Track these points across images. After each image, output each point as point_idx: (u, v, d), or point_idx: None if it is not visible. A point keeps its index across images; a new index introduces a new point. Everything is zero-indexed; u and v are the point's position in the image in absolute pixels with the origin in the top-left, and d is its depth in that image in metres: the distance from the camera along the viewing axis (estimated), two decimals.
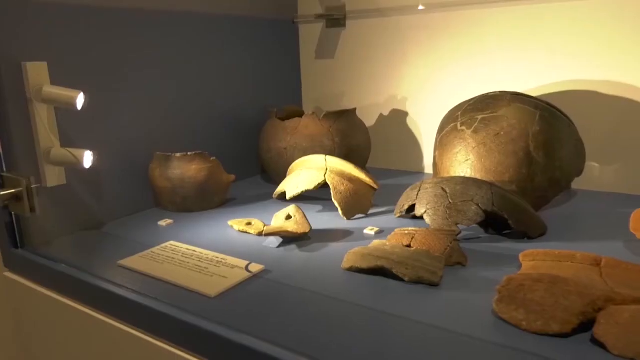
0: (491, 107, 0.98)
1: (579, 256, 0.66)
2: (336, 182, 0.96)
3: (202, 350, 0.61)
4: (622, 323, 0.51)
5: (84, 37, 0.92)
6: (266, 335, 0.56)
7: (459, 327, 0.57)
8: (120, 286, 0.70)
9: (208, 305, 0.64)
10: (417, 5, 1.23)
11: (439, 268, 0.68)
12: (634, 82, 1.02)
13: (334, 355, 0.52)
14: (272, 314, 0.62)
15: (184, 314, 0.62)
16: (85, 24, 0.92)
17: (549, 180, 0.94)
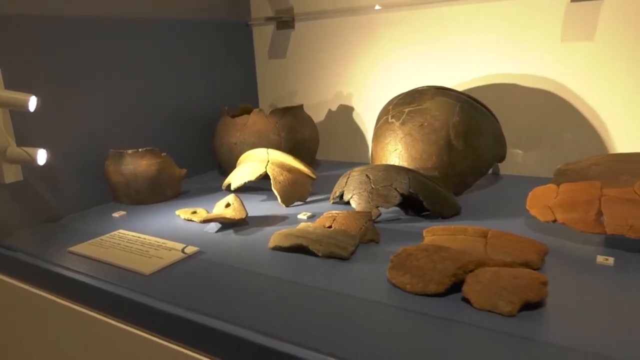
0: (417, 101, 1.07)
1: (470, 230, 0.75)
2: (276, 173, 1.05)
3: (135, 321, 0.69)
4: (483, 282, 0.60)
5: (38, 44, 0.99)
6: (193, 305, 0.64)
7: (359, 293, 0.66)
8: (67, 269, 0.78)
9: (143, 282, 0.72)
10: (359, 8, 1.31)
11: (350, 244, 0.77)
12: (549, 75, 1.12)
13: (252, 322, 0.60)
14: (200, 288, 0.70)
15: (120, 289, 0.70)
16: (39, 32, 0.99)
17: (469, 166, 1.04)
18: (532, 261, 0.68)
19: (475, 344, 0.53)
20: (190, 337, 0.64)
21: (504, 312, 0.57)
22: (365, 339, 0.55)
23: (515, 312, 0.57)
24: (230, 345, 0.59)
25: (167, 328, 0.66)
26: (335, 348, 0.53)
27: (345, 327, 0.58)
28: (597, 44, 1.05)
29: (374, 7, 1.28)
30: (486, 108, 1.08)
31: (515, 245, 0.71)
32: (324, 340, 0.55)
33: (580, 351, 0.51)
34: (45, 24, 1.01)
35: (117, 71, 1.15)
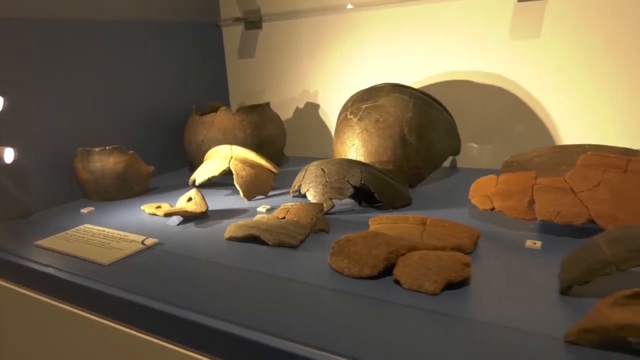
0: (374, 97, 1.12)
1: (411, 218, 0.80)
2: (238, 168, 1.09)
3: (93, 308, 0.73)
4: (412, 264, 0.65)
5: (6, 45, 1.03)
6: (148, 292, 0.69)
7: (303, 278, 0.71)
8: (32, 261, 0.82)
9: (102, 271, 0.76)
10: (323, 9, 1.36)
11: (300, 234, 0.81)
12: (500, 72, 1.17)
13: (204, 307, 0.64)
14: (156, 276, 0.74)
15: (79, 278, 0.74)
16: (7, 33, 1.03)
17: (422, 159, 1.09)
18: (464, 245, 0.73)
19: (403, 321, 0.58)
20: (144, 322, 0.68)
21: (428, 291, 0.62)
22: (307, 320, 0.59)
23: (438, 290, 0.62)
24: (183, 329, 0.63)
25: (122, 314, 0.70)
26: (280, 328, 0.57)
27: (289, 310, 0.62)
28: (543, 42, 1.10)
29: (345, 7, 1.33)
30: (440, 104, 1.13)
31: (450, 231, 0.76)
32: (270, 322, 0.59)
33: (500, 326, 0.56)
34: (14, 25, 1.04)
35: (87, 71, 1.19)
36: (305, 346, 0.54)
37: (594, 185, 0.78)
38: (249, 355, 0.58)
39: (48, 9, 1.10)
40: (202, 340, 0.63)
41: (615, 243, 0.58)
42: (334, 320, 0.59)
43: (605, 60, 1.06)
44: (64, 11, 1.14)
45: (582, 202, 0.77)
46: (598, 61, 1.06)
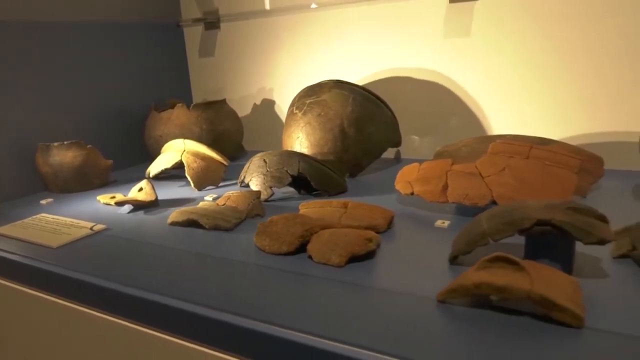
0: (317, 93, 1.20)
1: (335, 203, 0.88)
2: (190, 161, 1.16)
3: (43, 286, 0.80)
4: (322, 240, 0.72)
5: None
6: (93, 271, 0.75)
7: (231, 256, 0.78)
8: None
9: (50, 254, 0.83)
10: (278, 11, 1.43)
11: (235, 218, 0.89)
12: (436, 68, 1.25)
13: (144, 284, 0.70)
14: (101, 257, 0.81)
15: (29, 260, 0.81)
16: None
17: (361, 150, 1.16)
18: (378, 225, 0.81)
19: (314, 290, 0.65)
20: (88, 298, 0.75)
21: (334, 263, 0.70)
22: (232, 292, 0.66)
23: (343, 263, 0.69)
24: (123, 303, 0.70)
25: (68, 291, 0.77)
26: (210, 300, 0.64)
27: (217, 283, 0.69)
28: (473, 40, 1.19)
29: (282, 10, 1.41)
30: (379, 99, 1.20)
31: (367, 213, 0.84)
32: (202, 295, 0.65)
33: (395, 292, 0.63)
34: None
35: (52, 71, 1.26)
36: (230, 314, 0.61)
37: (500, 170, 0.87)
38: (181, 324, 0.65)
39: (11, 9, 1.17)
40: (140, 313, 0.70)
41: (492, 218, 0.66)
42: (256, 291, 0.66)
43: (527, 57, 1.14)
44: (27, 13, 1.20)
45: (488, 185, 0.85)
46: (521, 57, 1.15)
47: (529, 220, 0.62)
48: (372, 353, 0.51)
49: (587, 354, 0.48)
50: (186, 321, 0.64)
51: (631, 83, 1.05)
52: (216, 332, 0.62)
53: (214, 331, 0.62)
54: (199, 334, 0.64)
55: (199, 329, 0.64)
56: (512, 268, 0.56)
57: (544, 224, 0.62)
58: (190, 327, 0.65)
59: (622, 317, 0.55)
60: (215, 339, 0.63)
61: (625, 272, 0.64)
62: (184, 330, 0.66)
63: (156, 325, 0.69)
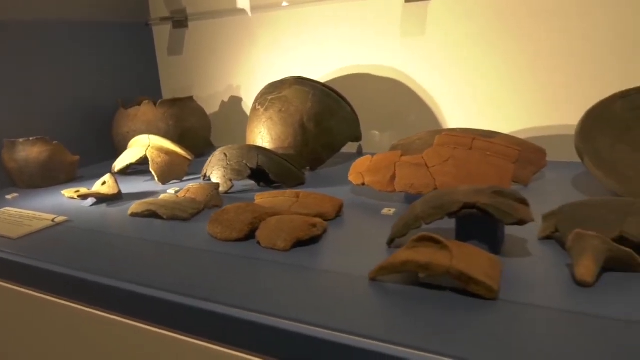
0: (278, 89, 1.24)
1: (288, 192, 0.92)
2: (154, 155, 1.19)
3: (3, 275, 0.83)
4: (270, 227, 0.76)
5: None
6: (53, 260, 0.78)
7: (187, 243, 0.81)
8: None
9: (10, 244, 0.86)
10: (244, 10, 1.47)
11: (192, 208, 0.93)
12: (394, 66, 1.30)
13: (102, 271, 0.73)
14: (62, 248, 0.84)
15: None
16: None
17: (321, 145, 1.21)
18: (326, 213, 0.85)
19: (261, 272, 0.69)
20: (47, 285, 0.78)
21: (280, 247, 0.73)
22: (186, 276, 0.70)
23: (288, 247, 0.73)
24: (81, 290, 0.74)
25: (27, 279, 0.80)
26: (165, 284, 0.67)
27: (173, 269, 0.72)
28: (428, 38, 1.24)
29: (248, 9, 1.44)
30: (339, 95, 1.25)
31: (317, 201, 0.88)
32: (158, 280, 0.68)
33: (334, 272, 0.67)
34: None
35: (18, 68, 1.28)
36: (184, 296, 0.64)
37: (444, 160, 0.91)
38: (140, 308, 0.68)
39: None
40: (98, 298, 0.73)
41: (426, 203, 0.71)
42: (208, 275, 0.70)
43: (478, 55, 1.20)
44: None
45: (432, 175, 0.90)
46: (473, 56, 1.20)
47: (457, 204, 0.67)
48: (310, 327, 0.55)
49: (499, 322, 0.53)
50: (144, 305, 0.68)
51: (572, 79, 1.11)
52: (172, 315, 0.65)
53: (170, 314, 0.65)
54: (157, 317, 0.67)
55: (157, 312, 0.67)
56: (436, 247, 0.61)
57: (470, 207, 0.66)
58: (148, 311, 0.68)
59: (536, 291, 0.59)
60: (171, 321, 0.66)
61: (547, 251, 0.69)
62: (142, 314, 0.69)
63: (114, 310, 0.72)
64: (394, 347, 0.50)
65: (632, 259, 0.60)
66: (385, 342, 0.50)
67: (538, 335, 0.50)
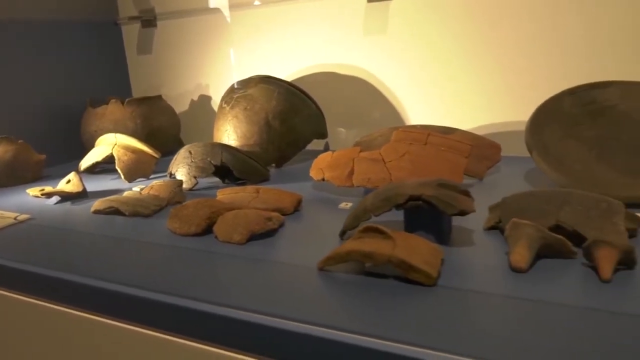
0: (244, 88, 1.26)
1: (248, 189, 0.94)
2: (120, 154, 1.20)
3: None
4: (227, 221, 0.78)
5: None
6: (15, 256, 0.79)
7: (147, 238, 0.83)
8: None
9: None
10: (212, 9, 1.49)
11: (154, 205, 0.94)
12: (358, 64, 1.33)
13: (64, 265, 0.75)
14: (24, 244, 0.85)
15: None
16: None
17: (286, 142, 1.23)
18: (284, 207, 0.87)
19: (218, 265, 0.71)
20: (7, 282, 0.79)
21: (236, 241, 0.76)
22: (146, 271, 0.71)
23: (243, 240, 0.75)
24: (46, 285, 0.75)
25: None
26: (125, 279, 0.68)
27: (133, 263, 0.74)
28: (390, 37, 1.27)
29: (216, 8, 1.46)
30: (304, 93, 1.27)
31: (276, 196, 0.90)
32: (119, 275, 0.70)
33: (288, 264, 0.69)
34: None
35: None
36: (144, 290, 0.65)
37: (400, 155, 0.94)
38: (99, 302, 0.70)
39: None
40: (59, 293, 0.74)
41: (375, 195, 0.74)
42: (167, 269, 0.71)
43: (438, 53, 1.23)
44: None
45: (388, 170, 0.93)
46: (433, 54, 1.24)
47: (403, 196, 0.70)
48: (261, 316, 0.57)
49: (437, 307, 0.56)
50: (104, 299, 0.69)
51: (527, 78, 1.16)
52: (133, 308, 0.67)
53: (131, 307, 0.67)
54: (118, 311, 0.69)
55: (118, 306, 0.68)
56: (380, 237, 0.63)
57: (416, 199, 0.69)
58: (110, 305, 0.69)
59: (475, 277, 0.62)
60: (131, 314, 0.68)
61: (491, 241, 0.73)
62: (103, 308, 0.70)
63: (73, 304, 0.73)
64: (338, 333, 0.52)
65: (565, 246, 0.63)
66: (330, 329, 0.52)
67: (474, 318, 0.53)
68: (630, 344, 0.47)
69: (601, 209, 0.68)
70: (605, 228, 0.65)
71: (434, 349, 0.47)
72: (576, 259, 0.64)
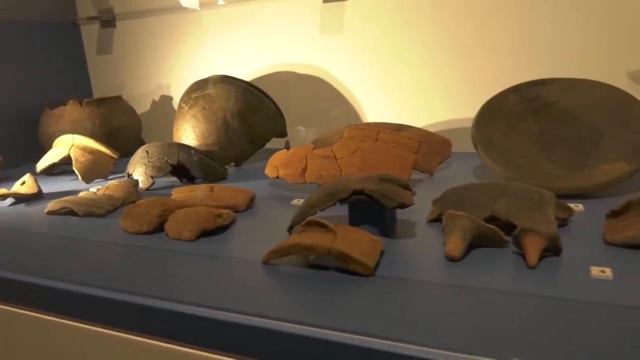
0: (202, 87, 1.27)
1: (202, 187, 0.95)
2: (78, 155, 1.20)
3: None
4: (178, 219, 0.80)
5: None
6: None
7: (100, 238, 0.84)
8: None
9: None
10: (171, 9, 1.49)
11: (108, 205, 0.95)
12: (316, 63, 1.35)
13: (18, 266, 0.75)
14: None
15: None
16: None
17: (244, 141, 1.24)
18: (237, 205, 0.89)
19: (169, 262, 0.73)
20: None
21: (186, 238, 0.77)
22: (99, 268, 0.73)
23: (193, 237, 0.77)
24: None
25: None
26: (78, 277, 0.69)
27: (86, 263, 0.75)
28: (345, 36, 1.30)
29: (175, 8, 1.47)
30: (262, 92, 1.28)
31: (229, 194, 0.92)
32: (72, 274, 0.71)
33: (237, 259, 0.71)
34: None
35: None
36: (96, 288, 0.66)
37: (351, 152, 0.97)
38: (51, 302, 0.70)
39: None
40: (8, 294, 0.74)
41: (322, 191, 0.76)
42: (118, 267, 0.73)
43: (392, 52, 1.26)
44: None
45: (340, 166, 0.95)
46: (387, 53, 1.27)
47: (346, 191, 0.72)
48: (207, 309, 0.58)
49: (374, 295, 0.58)
50: (59, 299, 0.69)
51: (476, 76, 1.20)
52: (86, 307, 0.67)
53: (84, 306, 0.68)
54: (71, 310, 0.70)
55: (70, 305, 0.69)
56: (322, 230, 0.66)
57: (359, 193, 0.72)
58: (63, 304, 0.70)
59: (413, 267, 0.65)
60: (85, 313, 0.68)
61: (432, 232, 0.76)
62: (55, 307, 0.71)
63: (26, 305, 0.74)
64: (281, 324, 0.54)
65: (497, 235, 0.67)
66: (274, 320, 0.54)
67: (410, 305, 0.56)
68: (554, 325, 0.49)
69: (533, 200, 0.71)
70: (536, 218, 0.69)
71: (371, 335, 0.50)
72: (508, 247, 0.67)
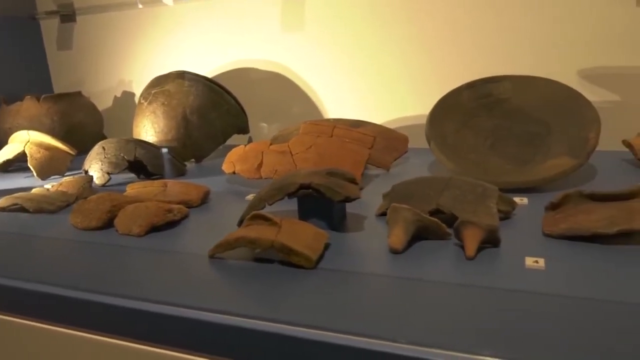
0: (161, 83, 1.26)
1: (156, 183, 0.95)
2: (33, 151, 1.18)
3: None
4: (127, 214, 0.79)
5: None
6: None
7: (50, 234, 0.83)
8: None
9: None
10: (132, 4, 1.47)
11: (60, 201, 0.94)
12: (278, 60, 1.35)
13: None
14: None
15: None
16: None
17: (204, 137, 1.24)
18: (190, 200, 0.89)
19: (119, 257, 0.72)
20: None
21: (135, 233, 0.77)
22: (46, 265, 0.72)
23: (142, 233, 0.76)
24: None
25: None
26: (26, 273, 0.68)
27: (35, 259, 0.74)
28: (306, 33, 1.30)
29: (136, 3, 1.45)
30: (223, 88, 1.28)
31: (183, 189, 0.92)
32: (21, 271, 0.70)
33: (186, 253, 0.71)
34: None
35: None
36: (47, 285, 0.65)
37: (307, 148, 0.98)
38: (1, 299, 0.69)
39: None
40: None
41: (271, 185, 0.77)
42: (66, 263, 0.72)
43: (351, 49, 1.27)
44: None
45: (295, 161, 0.96)
46: (347, 49, 1.28)
47: (294, 185, 0.73)
48: (156, 305, 0.58)
49: (317, 288, 0.59)
50: (6, 296, 0.69)
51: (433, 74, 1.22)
52: (33, 304, 0.67)
53: (31, 303, 0.67)
54: (19, 307, 0.69)
55: (19, 302, 0.68)
56: (267, 224, 0.66)
57: (306, 187, 0.72)
58: (10, 302, 0.69)
59: (358, 260, 0.67)
60: (33, 310, 0.68)
61: (380, 226, 0.77)
62: (4, 305, 0.70)
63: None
64: (226, 317, 0.55)
65: (440, 228, 0.68)
66: (218, 313, 0.55)
67: (351, 296, 0.57)
68: (490, 314, 0.51)
69: (477, 193, 0.73)
70: (479, 210, 0.70)
71: (313, 327, 0.50)
72: (450, 239, 0.68)
